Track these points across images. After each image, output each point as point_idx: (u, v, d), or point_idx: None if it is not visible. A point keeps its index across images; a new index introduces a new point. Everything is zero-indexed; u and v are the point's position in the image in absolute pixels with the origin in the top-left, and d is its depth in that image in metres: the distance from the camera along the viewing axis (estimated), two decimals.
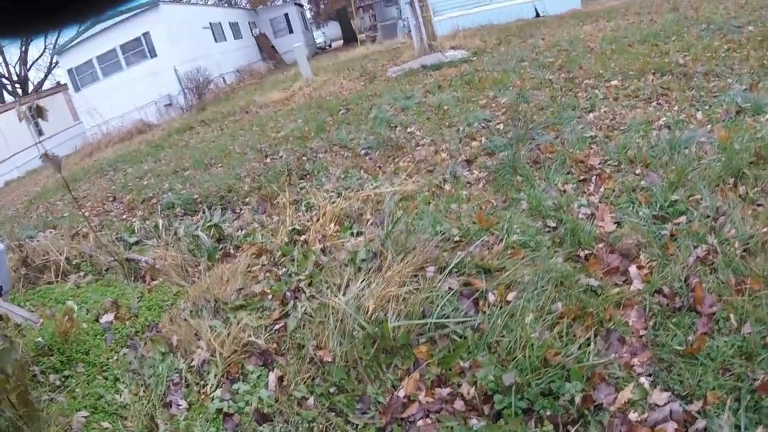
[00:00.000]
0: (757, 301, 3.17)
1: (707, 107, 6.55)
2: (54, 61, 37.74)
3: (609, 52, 10.56)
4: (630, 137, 5.94)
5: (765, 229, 3.77)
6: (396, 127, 8.33)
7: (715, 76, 7.69)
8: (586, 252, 3.99)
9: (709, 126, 5.92)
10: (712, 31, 10.95)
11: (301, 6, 46.33)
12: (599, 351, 3.05)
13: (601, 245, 4.03)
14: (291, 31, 39.59)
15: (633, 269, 3.70)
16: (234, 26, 33.73)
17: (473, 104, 8.68)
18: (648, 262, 3.76)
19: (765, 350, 2.83)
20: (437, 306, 3.48)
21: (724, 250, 3.64)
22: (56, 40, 40.48)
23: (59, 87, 32.42)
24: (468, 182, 5.71)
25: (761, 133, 5.33)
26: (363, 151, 7.48)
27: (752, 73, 7.53)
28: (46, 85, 40.84)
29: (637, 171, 5.16)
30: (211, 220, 6.05)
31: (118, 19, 24.60)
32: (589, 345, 3.07)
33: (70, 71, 26.27)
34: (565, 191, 5.04)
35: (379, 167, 6.74)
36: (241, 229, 5.87)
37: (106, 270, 5.39)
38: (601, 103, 7.40)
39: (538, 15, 22.28)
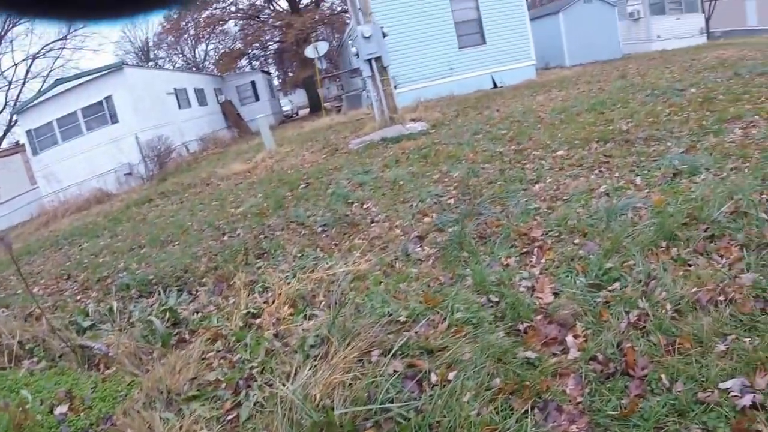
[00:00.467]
0: (688, 359, 3.33)
1: (646, 172, 6.86)
2: (14, 119, 36.67)
3: (558, 122, 10.98)
4: (571, 207, 6.18)
5: (695, 289, 3.96)
6: (353, 203, 8.46)
7: (656, 141, 8.04)
8: (526, 325, 4.12)
9: (647, 190, 6.20)
10: (656, 96, 11.48)
11: (269, 74, 47.12)
12: (537, 422, 3.15)
13: (539, 317, 4.19)
14: (257, 98, 40.10)
15: (570, 338, 3.85)
16: (199, 92, 33.75)
17: (427, 179, 8.89)
18: (584, 331, 3.91)
19: (697, 405, 2.98)
20: (382, 390, 3.56)
21: (655, 313, 3.82)
22: (18, 95, 40.23)
23: (17, 147, 31.66)
24: (419, 259, 5.83)
25: (695, 194, 5.61)
26: (320, 229, 7.56)
27: (691, 135, 7.91)
28: (5, 144, 40.15)
29: (576, 240, 5.35)
30: (166, 303, 6.07)
31: (80, 80, 24.44)
32: (526, 417, 3.18)
33: (28, 132, 25.59)
34: (508, 265, 5.19)
35: (335, 245, 6.83)
36: (197, 312, 5.86)
37: (60, 356, 5.36)
38: (547, 174, 7.66)
39: (495, 86, 23.12)
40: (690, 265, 4.39)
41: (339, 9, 42.78)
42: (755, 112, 8.44)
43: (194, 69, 50.87)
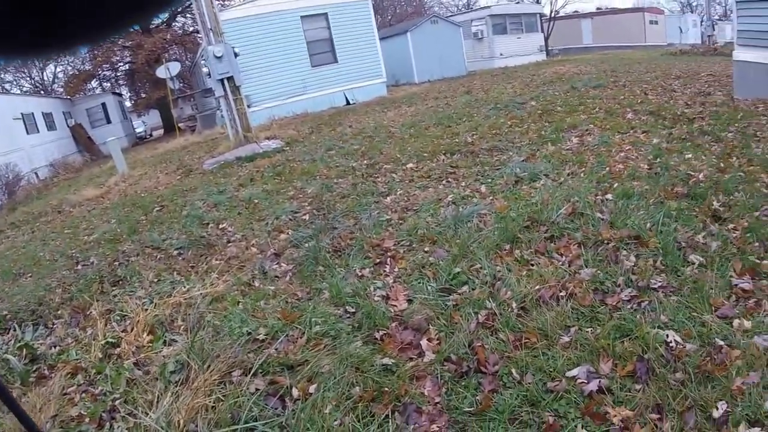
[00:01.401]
0: (536, 352, 3.59)
1: (490, 180, 7.28)
2: None
3: (408, 137, 11.40)
4: (421, 217, 6.47)
5: (538, 287, 4.29)
6: (209, 224, 8.34)
7: (498, 151, 8.53)
8: (382, 332, 4.27)
9: (491, 197, 6.57)
10: (499, 110, 12.15)
11: (120, 95, 45.49)
12: (398, 426, 3.28)
13: (395, 324, 4.36)
14: (109, 120, 38.47)
15: (424, 342, 4.03)
16: (48, 117, 31.90)
17: (282, 196, 8.94)
18: (437, 334, 4.11)
19: (547, 394, 3.22)
20: (245, 409, 3.59)
21: (502, 312, 4.09)
22: None
23: None
24: (276, 276, 5.86)
25: (535, 199, 6.05)
26: (176, 252, 7.38)
27: (531, 144, 8.46)
28: None
29: (427, 248, 5.60)
30: (22, 339, 5.82)
31: None
32: (387, 422, 3.31)
33: None
34: (363, 276, 5.35)
35: (192, 267, 6.71)
36: (55, 346, 5.59)
37: None
38: (397, 186, 7.95)
39: (349, 103, 23.54)
40: (532, 265, 4.75)
41: (191, 29, 41.96)
42: (590, 122, 9.19)
43: (42, 92, 48.56)
